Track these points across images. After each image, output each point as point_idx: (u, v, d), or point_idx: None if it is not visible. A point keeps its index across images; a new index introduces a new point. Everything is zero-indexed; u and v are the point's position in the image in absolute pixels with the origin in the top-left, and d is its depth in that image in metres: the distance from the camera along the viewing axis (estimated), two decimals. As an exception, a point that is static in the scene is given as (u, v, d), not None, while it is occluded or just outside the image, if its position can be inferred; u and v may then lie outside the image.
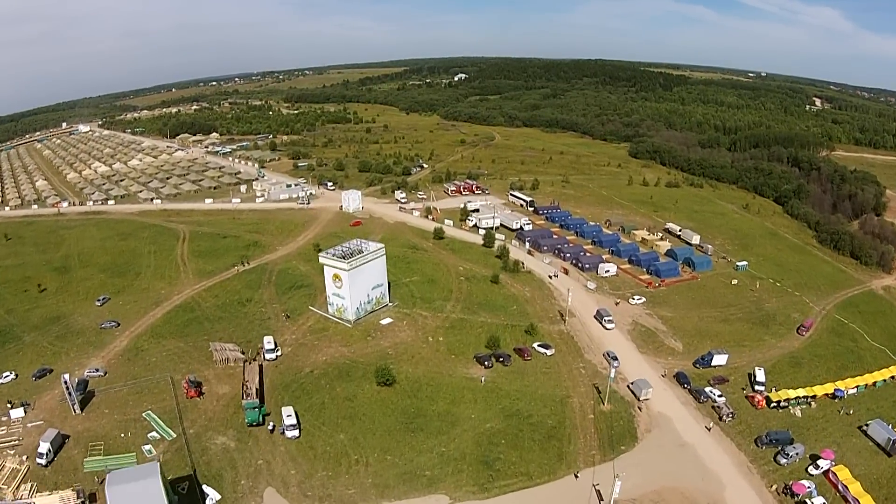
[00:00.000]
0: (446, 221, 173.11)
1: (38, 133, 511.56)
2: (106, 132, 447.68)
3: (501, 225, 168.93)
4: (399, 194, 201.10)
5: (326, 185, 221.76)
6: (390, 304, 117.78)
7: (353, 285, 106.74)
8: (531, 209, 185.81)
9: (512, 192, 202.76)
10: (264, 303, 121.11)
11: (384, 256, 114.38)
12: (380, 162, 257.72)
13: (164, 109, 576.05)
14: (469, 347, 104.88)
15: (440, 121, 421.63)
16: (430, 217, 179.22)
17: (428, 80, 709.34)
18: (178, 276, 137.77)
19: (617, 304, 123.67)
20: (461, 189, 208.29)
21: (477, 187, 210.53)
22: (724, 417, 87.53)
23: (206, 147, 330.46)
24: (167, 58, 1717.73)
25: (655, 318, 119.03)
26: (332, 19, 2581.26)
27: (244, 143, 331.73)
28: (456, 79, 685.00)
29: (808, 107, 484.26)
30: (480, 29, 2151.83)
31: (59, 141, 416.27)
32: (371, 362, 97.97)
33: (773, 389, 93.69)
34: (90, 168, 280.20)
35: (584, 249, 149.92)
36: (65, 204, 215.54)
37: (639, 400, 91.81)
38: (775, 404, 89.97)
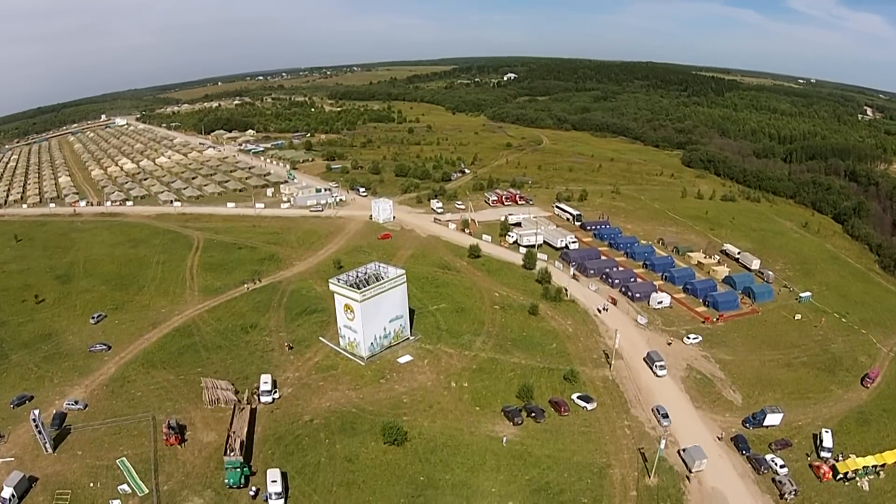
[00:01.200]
0: (484, 237, 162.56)
1: (74, 125, 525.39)
2: (141, 126, 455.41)
3: (545, 242, 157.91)
4: (435, 204, 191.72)
5: (358, 190, 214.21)
6: (411, 337, 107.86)
7: (367, 318, 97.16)
8: (578, 224, 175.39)
9: (558, 204, 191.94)
10: (270, 330, 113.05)
11: (405, 284, 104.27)
12: (418, 166, 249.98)
13: (206, 104, 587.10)
14: (497, 396, 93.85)
15: (487, 122, 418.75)
16: (467, 231, 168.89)
17: (477, 80, 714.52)
18: (183, 292, 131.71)
19: (670, 343, 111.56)
20: (503, 199, 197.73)
21: (520, 197, 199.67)
22: (787, 495, 76.10)
23: (240, 144, 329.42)
24: (214, 52, 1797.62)
25: (712, 363, 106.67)
26: (381, 17, 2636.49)
27: (279, 142, 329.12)
28: (505, 78, 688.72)
29: (860, 116, 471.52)
30: (530, 28, 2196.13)
31: (92, 134, 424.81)
32: (381, 412, 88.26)
33: (840, 456, 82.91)
34: (116, 164, 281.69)
35: (634, 275, 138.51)
36: (82, 203, 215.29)
37: (690, 472, 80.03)
38: (842, 476, 79.40)
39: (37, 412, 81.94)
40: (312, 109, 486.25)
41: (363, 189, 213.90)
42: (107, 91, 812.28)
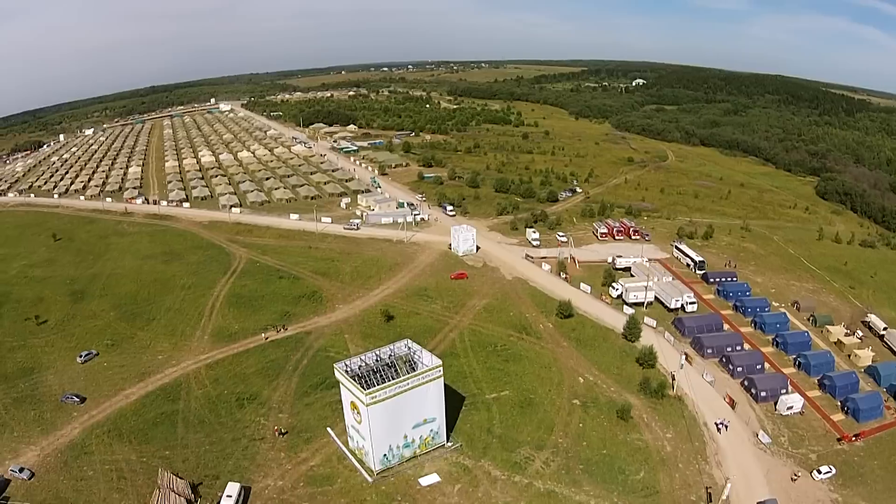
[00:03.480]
0: (583, 286, 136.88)
1: (179, 107, 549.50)
2: (242, 113, 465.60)
3: (656, 298, 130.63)
4: (531, 234, 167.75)
5: (445, 207, 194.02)
6: (448, 444, 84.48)
7: (378, 425, 75.29)
8: (700, 273, 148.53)
9: (678, 244, 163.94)
10: (270, 408, 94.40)
11: (441, 380, 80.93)
12: (524, 181, 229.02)
13: (319, 93, 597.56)
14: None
15: (610, 131, 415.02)
16: (564, 275, 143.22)
17: (605, 83, 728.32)
18: (193, 334, 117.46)
19: (795, 479, 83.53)
20: (614, 232, 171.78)
21: (635, 231, 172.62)
22: None
23: (335, 141, 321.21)
24: (345, 41, 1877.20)
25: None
26: (515, 14, 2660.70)
27: (377, 141, 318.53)
28: (633, 84, 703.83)
29: None
30: (661, 33, 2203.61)
31: (188, 119, 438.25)
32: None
33: None
34: (194, 157, 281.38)
35: (762, 359, 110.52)
36: (138, 201, 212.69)
37: None
38: None
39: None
40: (427, 106, 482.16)
41: (451, 207, 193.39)
42: (230, 73, 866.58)
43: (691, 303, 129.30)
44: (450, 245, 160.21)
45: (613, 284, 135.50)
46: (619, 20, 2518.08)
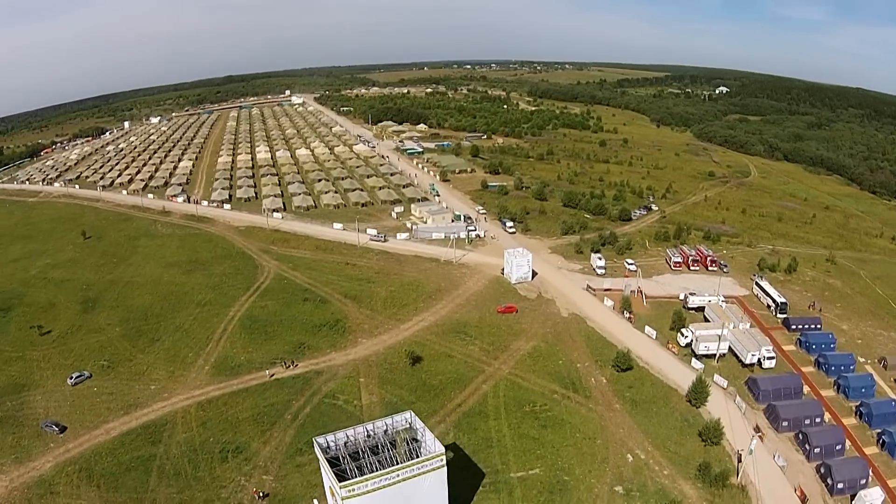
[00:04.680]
0: (648, 330, 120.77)
1: (252, 98, 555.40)
2: (312, 107, 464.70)
3: (730, 350, 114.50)
4: (596, 260, 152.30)
5: (504, 223, 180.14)
6: (454, 543, 70.92)
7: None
8: (780, 317, 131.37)
9: (759, 280, 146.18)
10: (255, 465, 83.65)
11: (443, 470, 67.28)
12: (595, 195, 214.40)
13: (396, 89, 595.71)
14: None
15: (691, 141, 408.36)
16: (628, 314, 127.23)
17: (688, 90, 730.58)
18: (194, 362, 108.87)
19: None
20: (689, 261, 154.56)
21: (712, 261, 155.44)
22: None
23: (400, 141, 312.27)
24: (427, 36, 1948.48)
25: None
26: (599, 16, 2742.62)
27: (445, 143, 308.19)
28: (717, 92, 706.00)
29: None
30: (742, 40, 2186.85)
31: (257, 111, 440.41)
32: None
33: None
34: (250, 152, 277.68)
35: (843, 438, 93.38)
36: (179, 199, 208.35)
37: None
38: None
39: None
40: (505, 106, 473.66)
41: (511, 223, 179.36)
42: (310, 66, 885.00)
43: (769, 358, 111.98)
44: (502, 270, 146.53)
45: (682, 331, 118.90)
46: (702, 26, 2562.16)
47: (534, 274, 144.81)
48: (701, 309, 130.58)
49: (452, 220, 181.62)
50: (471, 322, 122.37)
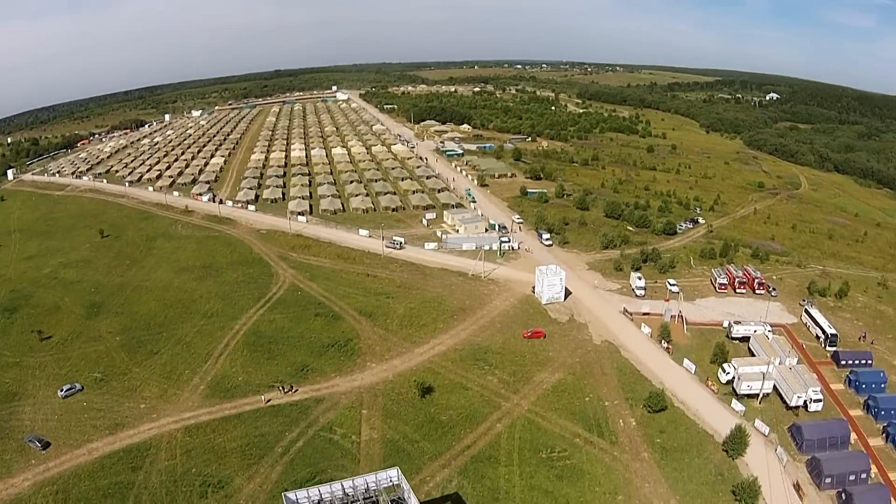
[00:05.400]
0: (686, 363, 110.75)
1: (297, 94, 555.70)
2: (356, 104, 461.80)
3: (774, 389, 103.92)
4: (637, 280, 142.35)
5: (541, 235, 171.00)
6: None
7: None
8: (830, 350, 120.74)
9: (809, 307, 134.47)
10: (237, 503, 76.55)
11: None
12: (640, 205, 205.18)
13: (443, 87, 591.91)
14: None
15: (741, 149, 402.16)
16: (667, 345, 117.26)
17: (738, 95, 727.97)
18: (189, 381, 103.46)
19: None
20: (735, 283, 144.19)
21: (760, 284, 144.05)
22: None
23: (441, 142, 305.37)
24: (480, 35, 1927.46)
25: None
26: (651, 19, 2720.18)
27: (487, 146, 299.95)
28: (767, 98, 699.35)
29: None
30: (792, 46, 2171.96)
31: (299, 107, 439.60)
32: None
33: None
34: (284, 150, 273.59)
35: (888, 498, 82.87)
36: (204, 198, 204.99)
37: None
38: None
39: None
40: (553, 108, 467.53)
41: (547, 235, 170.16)
42: (360, 62, 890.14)
43: (816, 400, 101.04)
44: (533, 288, 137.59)
45: (724, 366, 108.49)
46: (754, 31, 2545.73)
47: (567, 293, 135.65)
48: (745, 339, 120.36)
49: (486, 230, 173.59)
50: (493, 348, 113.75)
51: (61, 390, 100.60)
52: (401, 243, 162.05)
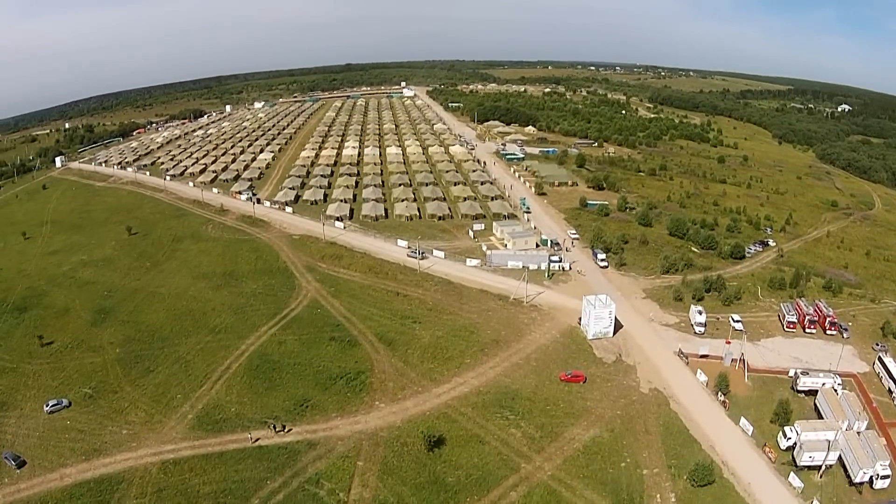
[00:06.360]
0: (743, 422, 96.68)
1: (365, 88, 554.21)
2: (421, 101, 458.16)
3: (839, 461, 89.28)
4: (696, 315, 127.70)
5: (596, 254, 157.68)
6: None
7: None
8: None
9: (883, 355, 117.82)
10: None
11: None
12: (707, 223, 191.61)
13: (514, 86, 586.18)
14: None
15: (814, 162, 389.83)
16: (723, 397, 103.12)
17: (810, 105, 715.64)
18: (179, 408, 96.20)
19: None
20: (806, 321, 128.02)
21: (832, 323, 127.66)
22: None
23: (502, 144, 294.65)
24: (555, 35, 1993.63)
25: None
26: (724, 25, 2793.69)
27: (550, 150, 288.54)
28: (839, 109, 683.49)
29: None
30: (862, 56, 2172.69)
31: (362, 102, 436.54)
32: None
33: None
34: (336, 148, 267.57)
35: None
36: (242, 197, 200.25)
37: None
38: None
39: None
40: (623, 112, 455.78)
41: (603, 255, 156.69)
42: (433, 58, 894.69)
43: (884, 477, 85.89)
44: (580, 319, 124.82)
45: (785, 429, 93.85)
46: (823, 39, 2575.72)
47: (618, 327, 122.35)
48: (813, 392, 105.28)
49: (536, 245, 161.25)
50: (522, 392, 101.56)
51: (47, 405, 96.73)
52: (423, 253, 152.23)
